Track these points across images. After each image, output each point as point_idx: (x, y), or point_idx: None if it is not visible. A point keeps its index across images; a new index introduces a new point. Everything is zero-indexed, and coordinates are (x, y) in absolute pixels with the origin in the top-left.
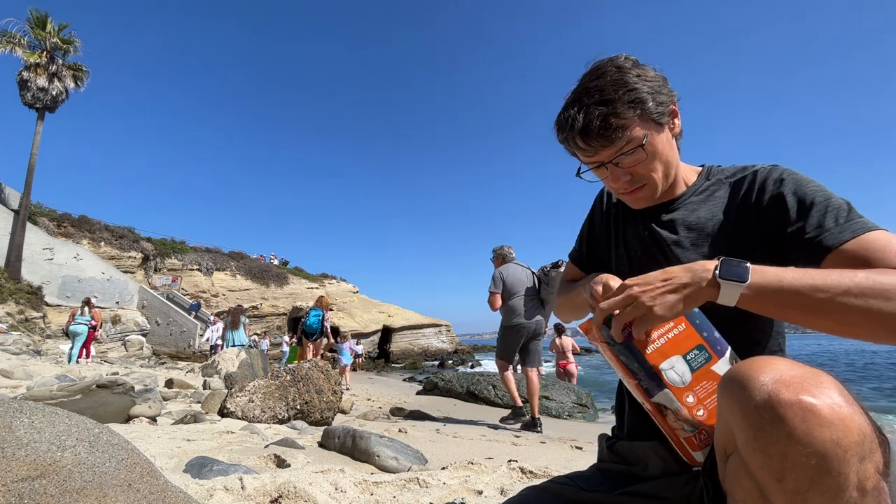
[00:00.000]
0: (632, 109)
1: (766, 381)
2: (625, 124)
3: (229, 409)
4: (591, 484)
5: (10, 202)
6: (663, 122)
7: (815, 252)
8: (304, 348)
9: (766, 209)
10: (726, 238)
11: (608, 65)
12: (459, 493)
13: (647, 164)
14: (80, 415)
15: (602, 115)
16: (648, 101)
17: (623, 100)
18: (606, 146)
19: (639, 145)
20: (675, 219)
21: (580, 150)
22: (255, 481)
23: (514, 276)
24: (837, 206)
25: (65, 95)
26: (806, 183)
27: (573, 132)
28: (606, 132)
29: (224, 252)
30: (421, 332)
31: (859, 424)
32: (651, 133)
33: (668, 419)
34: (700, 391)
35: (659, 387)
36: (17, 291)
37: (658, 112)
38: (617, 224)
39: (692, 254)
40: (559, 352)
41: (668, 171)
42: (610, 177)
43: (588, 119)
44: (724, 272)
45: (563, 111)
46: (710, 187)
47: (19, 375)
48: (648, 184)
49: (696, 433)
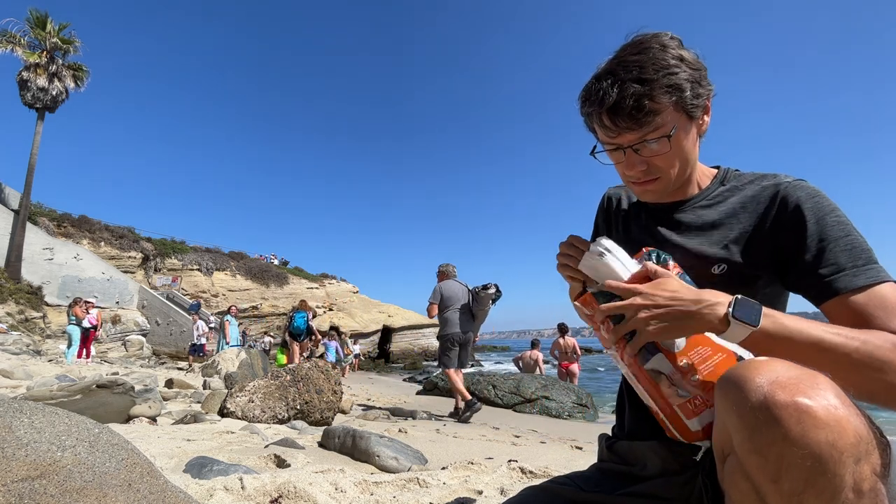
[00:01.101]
0: (668, 95)
1: (761, 383)
2: (658, 109)
3: (229, 409)
4: (591, 484)
5: (10, 202)
6: (695, 115)
7: (825, 291)
8: (292, 349)
9: (784, 229)
10: (734, 248)
11: (652, 41)
12: (459, 493)
13: (668, 157)
14: (80, 415)
15: (637, 94)
16: (686, 89)
17: (662, 83)
18: (633, 129)
19: (665, 135)
20: (684, 221)
21: (603, 127)
22: (255, 481)
23: (451, 291)
24: (856, 246)
25: (65, 95)
26: (830, 211)
27: (601, 107)
28: (637, 114)
29: (224, 252)
30: (421, 332)
31: (855, 426)
32: (680, 125)
33: (661, 386)
34: (694, 356)
35: (652, 352)
36: (17, 291)
37: (692, 104)
38: (619, 227)
39: (694, 259)
40: (562, 352)
41: (685, 169)
42: (626, 163)
43: (622, 96)
44: (739, 314)
45: (593, 81)
46: (723, 193)
47: (19, 375)
48: (663, 178)
49: (690, 398)
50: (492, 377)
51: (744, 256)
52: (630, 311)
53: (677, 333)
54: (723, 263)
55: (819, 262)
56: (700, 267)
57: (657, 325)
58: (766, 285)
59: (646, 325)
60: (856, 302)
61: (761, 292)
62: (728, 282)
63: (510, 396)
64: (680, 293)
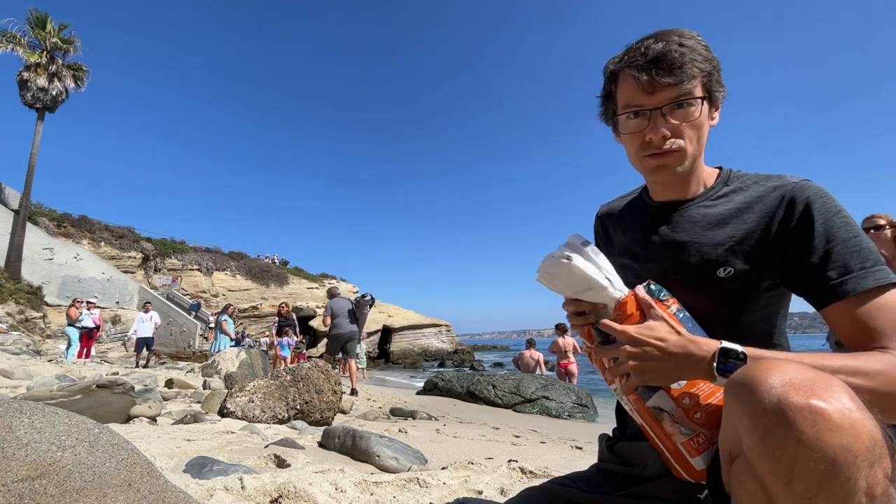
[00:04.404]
0: (705, 65)
1: (775, 385)
2: (694, 74)
3: (229, 409)
4: (592, 485)
5: (10, 202)
6: (715, 101)
7: (831, 293)
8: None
9: (791, 229)
10: (739, 250)
11: (686, 29)
12: (459, 493)
13: (695, 127)
14: (80, 415)
15: (681, 51)
16: (714, 73)
17: (700, 52)
18: (670, 86)
19: (700, 97)
20: (688, 220)
21: (637, 83)
22: (255, 481)
23: (337, 305)
24: (864, 248)
25: (65, 95)
26: (837, 212)
27: (644, 58)
28: (681, 68)
29: (224, 252)
30: (421, 332)
31: (870, 430)
32: (704, 99)
33: (664, 424)
34: (697, 392)
35: (653, 389)
36: (17, 291)
37: (715, 89)
38: (617, 238)
39: (699, 260)
40: (560, 352)
41: (698, 154)
42: (651, 126)
43: (667, 50)
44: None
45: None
46: (728, 193)
47: (19, 375)
48: (681, 151)
49: (693, 436)
50: (492, 377)
51: (749, 258)
52: (621, 355)
53: (667, 381)
54: (728, 267)
55: (826, 263)
56: (704, 270)
57: (646, 373)
58: (770, 288)
59: (636, 371)
60: (860, 306)
61: (765, 295)
62: (733, 285)
63: (510, 396)
64: (668, 342)
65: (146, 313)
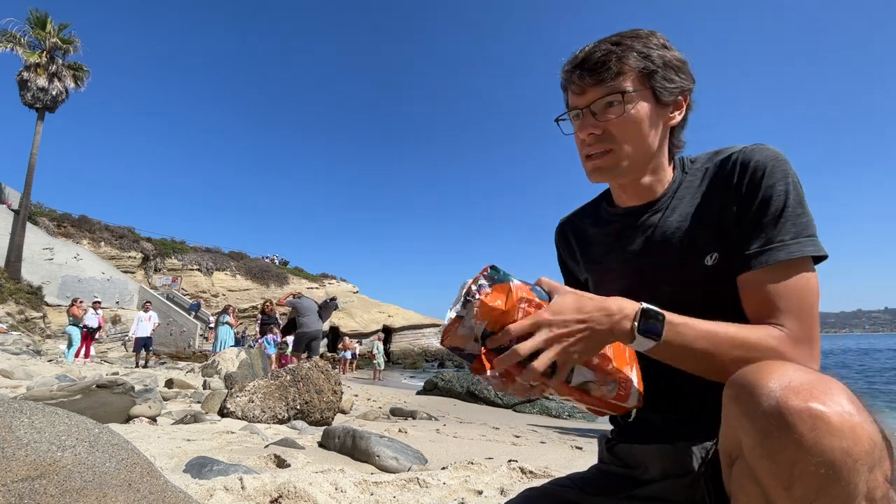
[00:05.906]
0: (637, 61)
1: (774, 388)
2: (623, 70)
3: (229, 409)
4: (593, 487)
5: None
6: (664, 99)
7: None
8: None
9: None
10: (717, 232)
11: (642, 29)
12: (459, 493)
13: (623, 125)
14: (80, 415)
15: (606, 51)
16: (658, 66)
17: (634, 48)
18: (595, 85)
19: (621, 91)
20: (658, 222)
21: (572, 86)
22: (255, 481)
23: (304, 306)
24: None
25: (65, 95)
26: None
27: (573, 63)
28: (602, 68)
29: (224, 252)
30: (421, 332)
31: (870, 433)
32: (642, 98)
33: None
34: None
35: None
36: (17, 291)
37: (660, 86)
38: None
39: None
40: None
41: (640, 156)
42: (579, 124)
43: (592, 51)
44: (643, 328)
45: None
46: (687, 181)
47: (19, 375)
48: (614, 151)
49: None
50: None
51: (729, 236)
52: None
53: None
54: (713, 252)
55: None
56: (691, 263)
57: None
58: None
59: (566, 354)
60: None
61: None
62: (724, 268)
63: (510, 396)
64: (589, 313)
65: (145, 313)
